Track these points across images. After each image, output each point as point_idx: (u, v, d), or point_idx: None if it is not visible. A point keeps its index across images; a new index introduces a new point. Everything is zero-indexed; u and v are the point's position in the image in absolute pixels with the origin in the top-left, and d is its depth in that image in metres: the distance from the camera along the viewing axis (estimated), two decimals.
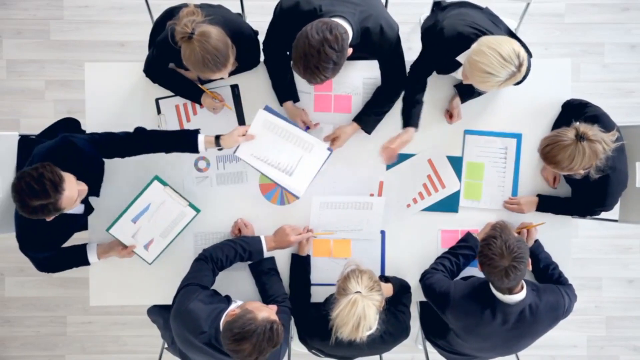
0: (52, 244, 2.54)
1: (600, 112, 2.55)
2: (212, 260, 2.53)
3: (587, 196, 2.59)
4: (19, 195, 2.15)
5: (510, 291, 2.33)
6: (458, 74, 2.61)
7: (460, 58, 2.45)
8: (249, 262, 2.70)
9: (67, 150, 2.38)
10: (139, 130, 2.56)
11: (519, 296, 2.34)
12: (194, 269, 2.53)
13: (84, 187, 2.33)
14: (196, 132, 2.55)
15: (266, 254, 2.66)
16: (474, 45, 2.27)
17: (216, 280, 2.68)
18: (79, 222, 2.63)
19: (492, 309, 2.37)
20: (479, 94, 2.66)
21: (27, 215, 2.19)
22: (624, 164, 2.54)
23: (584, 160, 2.28)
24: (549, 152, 2.32)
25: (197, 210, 2.69)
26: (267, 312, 2.21)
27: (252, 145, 2.60)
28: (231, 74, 2.72)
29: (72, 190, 2.23)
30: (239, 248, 2.59)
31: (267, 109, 2.60)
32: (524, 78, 2.38)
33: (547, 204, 2.75)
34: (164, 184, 2.66)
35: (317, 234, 2.77)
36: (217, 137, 2.55)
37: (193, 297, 2.36)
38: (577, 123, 2.32)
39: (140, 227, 2.67)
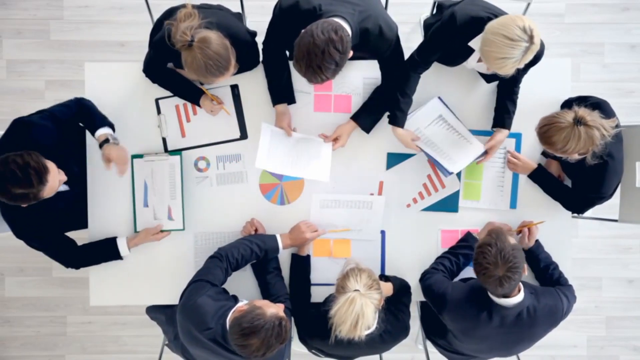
0: (47, 226, 2.54)
1: (601, 100, 2.54)
2: (227, 260, 2.50)
3: (583, 183, 2.58)
4: (0, 180, 2.14)
5: (506, 295, 2.32)
6: (469, 63, 2.60)
7: (472, 44, 2.44)
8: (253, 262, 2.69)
9: (23, 132, 2.41)
10: (81, 104, 2.63)
11: (516, 299, 2.33)
12: (206, 266, 2.51)
13: (63, 177, 2.34)
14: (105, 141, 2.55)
15: (281, 252, 2.66)
16: (482, 35, 2.26)
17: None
18: (68, 198, 2.63)
19: (488, 312, 2.36)
20: (514, 111, 2.66)
21: (6, 201, 2.19)
22: (621, 153, 2.53)
23: (578, 144, 2.27)
24: (545, 132, 2.32)
25: (179, 153, 2.72)
26: (275, 309, 2.22)
27: (268, 158, 2.66)
28: None
29: (55, 181, 2.24)
30: (255, 247, 2.57)
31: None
32: (540, 55, 2.40)
33: (540, 176, 2.72)
34: (141, 156, 2.71)
35: (333, 231, 2.76)
36: (104, 142, 2.54)
37: (202, 292, 2.35)
38: (577, 107, 2.32)
39: (153, 206, 2.72)
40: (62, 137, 2.51)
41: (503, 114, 2.66)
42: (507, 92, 2.64)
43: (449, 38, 2.45)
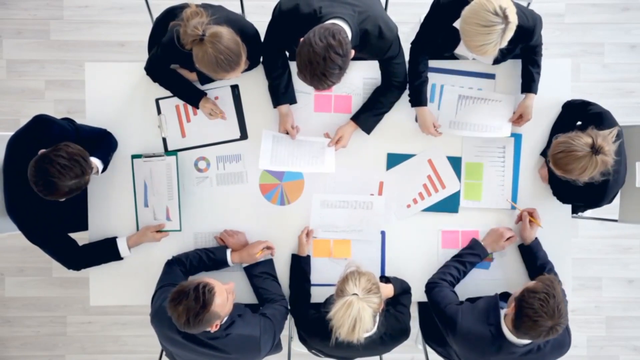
0: (52, 225, 2.53)
1: (604, 110, 2.53)
2: (181, 263, 2.62)
3: (584, 196, 2.56)
4: (52, 178, 2.13)
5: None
6: (461, 50, 2.60)
7: (457, 24, 2.40)
8: (244, 265, 2.70)
9: (45, 128, 2.40)
10: (108, 136, 2.66)
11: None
12: (165, 271, 2.60)
13: (100, 165, 2.39)
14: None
15: (231, 264, 2.68)
16: (459, 24, 2.25)
17: None
18: (70, 200, 2.61)
19: (498, 347, 2.32)
20: (538, 72, 2.65)
21: (59, 197, 2.20)
22: (624, 166, 2.52)
23: (594, 172, 2.23)
24: (561, 159, 2.26)
25: (174, 154, 2.72)
26: (208, 279, 2.21)
27: (272, 158, 2.66)
28: None
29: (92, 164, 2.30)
30: (204, 255, 2.65)
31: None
32: (535, 31, 2.42)
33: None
34: (140, 156, 2.72)
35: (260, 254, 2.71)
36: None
37: (167, 295, 2.37)
38: (594, 131, 2.27)
39: (152, 206, 2.73)
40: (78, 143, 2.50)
41: (528, 80, 2.66)
42: (528, 58, 2.64)
43: (437, 20, 2.47)
